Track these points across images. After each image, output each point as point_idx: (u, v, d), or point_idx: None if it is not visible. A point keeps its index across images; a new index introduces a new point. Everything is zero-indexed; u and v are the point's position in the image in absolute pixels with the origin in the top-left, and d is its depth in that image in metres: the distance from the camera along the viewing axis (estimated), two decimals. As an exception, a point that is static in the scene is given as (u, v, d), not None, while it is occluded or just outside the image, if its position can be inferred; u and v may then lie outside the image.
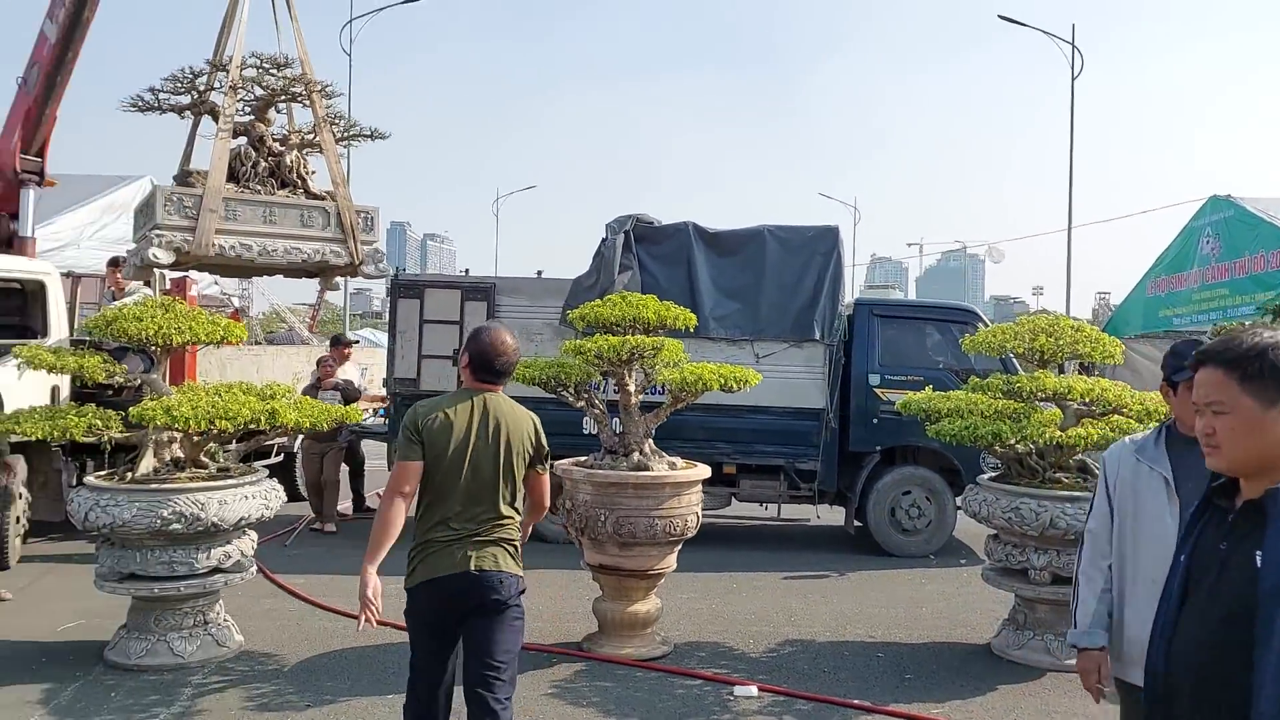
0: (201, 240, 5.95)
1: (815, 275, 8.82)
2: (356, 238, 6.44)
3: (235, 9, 6.49)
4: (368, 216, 6.56)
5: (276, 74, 6.40)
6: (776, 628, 6.53)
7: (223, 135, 6.16)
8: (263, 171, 6.33)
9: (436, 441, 3.54)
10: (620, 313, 5.68)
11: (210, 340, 5.75)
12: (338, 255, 6.40)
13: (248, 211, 6.19)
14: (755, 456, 8.90)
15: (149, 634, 5.52)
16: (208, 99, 6.29)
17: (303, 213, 6.36)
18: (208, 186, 6.02)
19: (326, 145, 6.53)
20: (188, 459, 5.78)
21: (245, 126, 6.40)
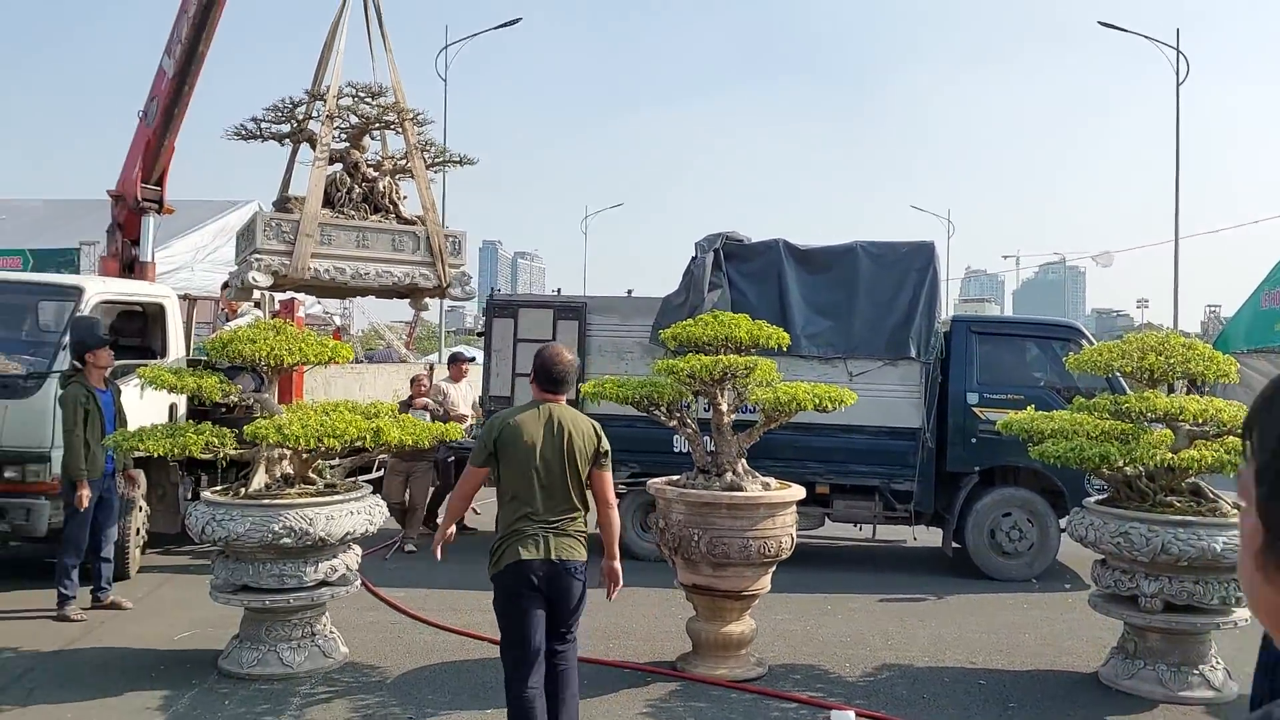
0: (298, 264, 6.19)
1: (910, 291, 8.69)
2: (445, 261, 6.61)
3: (333, 41, 6.74)
4: (456, 241, 6.73)
5: (371, 102, 6.60)
6: (873, 651, 6.44)
7: (319, 163, 6.40)
8: (357, 197, 6.54)
9: (509, 446, 4.22)
10: (712, 332, 5.70)
11: (319, 361, 5.97)
12: (426, 278, 6.59)
13: (342, 236, 6.40)
14: (849, 476, 8.79)
15: (260, 644, 5.73)
16: (306, 127, 6.54)
17: (394, 237, 6.56)
18: (304, 213, 6.26)
19: (417, 171, 6.72)
20: (297, 475, 6.00)
21: (341, 153, 6.63)
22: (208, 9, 8.67)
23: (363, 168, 6.65)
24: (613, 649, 6.35)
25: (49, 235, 17.48)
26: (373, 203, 6.62)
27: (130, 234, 9.52)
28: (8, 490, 7.09)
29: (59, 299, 7.94)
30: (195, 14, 8.71)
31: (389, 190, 6.68)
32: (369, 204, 6.61)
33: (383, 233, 6.55)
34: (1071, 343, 8.74)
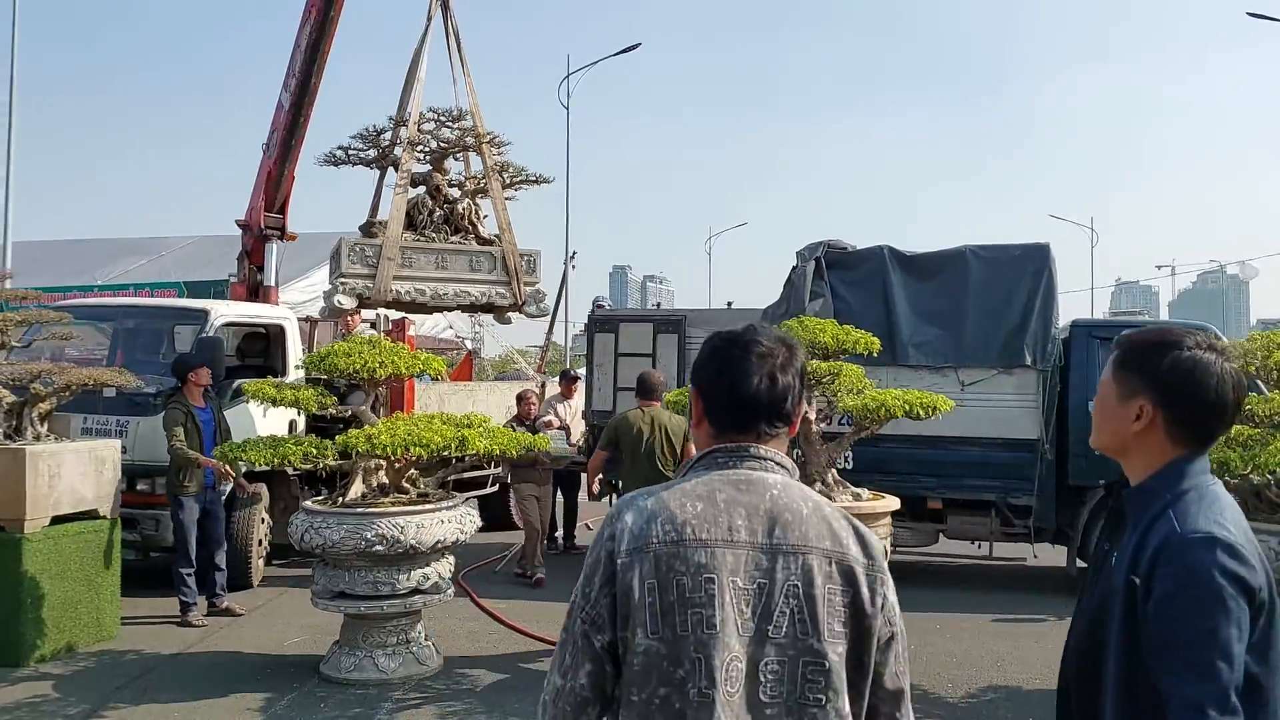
0: (380, 287, 6.39)
1: (1024, 296, 8.28)
2: (520, 280, 6.74)
3: (416, 68, 6.96)
4: (530, 259, 6.85)
5: (452, 126, 6.77)
6: (980, 672, 6.11)
7: (400, 188, 6.60)
8: (438, 219, 6.71)
9: (624, 436, 6.56)
10: (796, 338, 5.55)
11: (410, 372, 6.13)
12: (502, 296, 6.71)
13: (422, 258, 6.58)
14: (964, 491, 8.42)
15: (357, 650, 5.89)
16: (391, 153, 6.74)
17: (471, 258, 6.70)
18: (386, 237, 6.46)
19: (494, 192, 6.85)
20: (392, 485, 6.16)
21: (423, 176, 6.81)
22: (317, 43, 9.11)
23: (444, 190, 6.82)
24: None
25: (205, 269, 18.65)
26: (453, 224, 6.78)
27: (256, 260, 10.05)
28: (138, 502, 7.52)
29: (188, 322, 8.43)
30: (306, 48, 9.16)
31: (469, 211, 6.82)
32: (450, 225, 6.78)
33: (461, 253, 6.70)
34: (1205, 347, 8.15)
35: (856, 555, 1.64)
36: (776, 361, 1.71)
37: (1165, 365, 1.81)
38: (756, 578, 1.58)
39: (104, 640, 6.53)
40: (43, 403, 6.48)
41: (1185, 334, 1.85)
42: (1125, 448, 1.90)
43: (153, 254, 22.97)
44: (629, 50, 30.24)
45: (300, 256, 14.12)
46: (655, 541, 1.58)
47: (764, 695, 1.56)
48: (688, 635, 1.54)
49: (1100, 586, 1.86)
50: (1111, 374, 1.90)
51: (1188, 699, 1.63)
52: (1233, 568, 1.68)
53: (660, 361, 9.04)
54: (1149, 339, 1.89)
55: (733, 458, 1.68)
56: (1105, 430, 1.93)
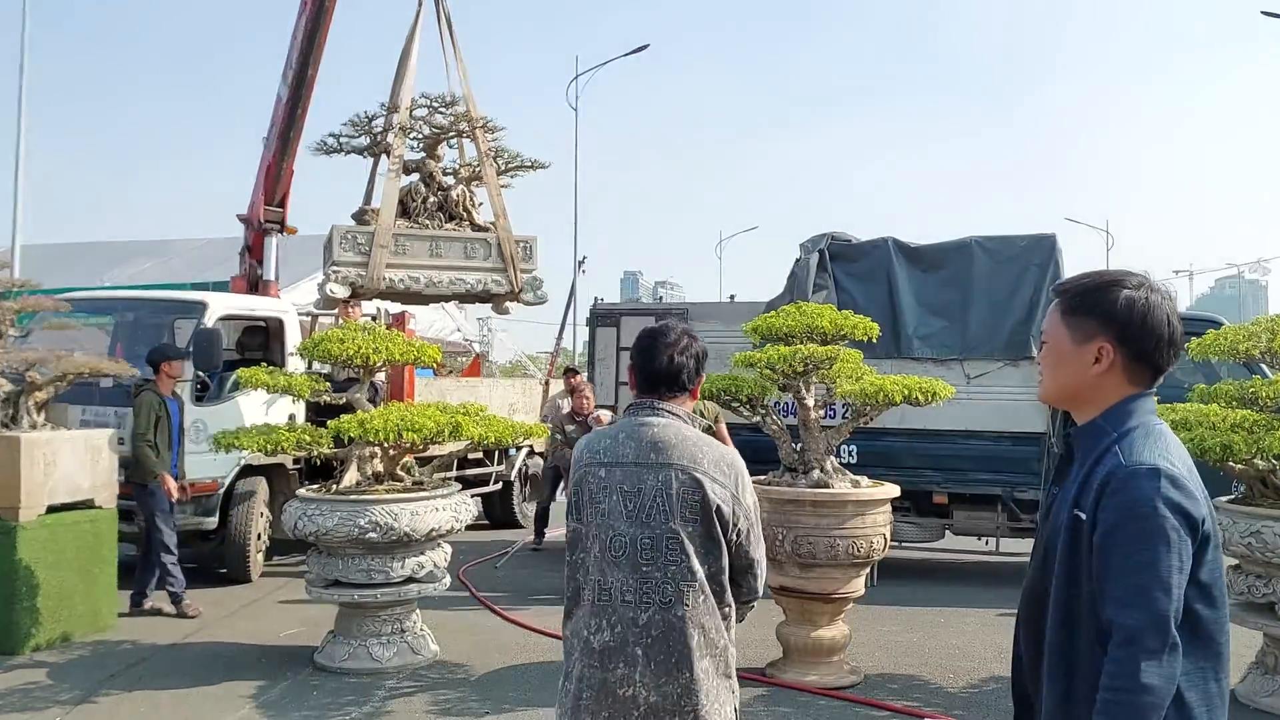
0: (373, 274, 6.28)
1: (1030, 288, 8.18)
2: (516, 266, 6.62)
3: (408, 54, 6.88)
4: (527, 246, 6.73)
5: (445, 112, 6.66)
6: (982, 663, 6.02)
7: (393, 174, 6.49)
8: (432, 206, 6.59)
9: None
10: (793, 322, 5.50)
11: (404, 360, 6.09)
12: (498, 284, 6.58)
13: (415, 245, 6.47)
14: (969, 485, 8.32)
15: (352, 639, 5.84)
16: (384, 140, 6.63)
17: (466, 245, 6.59)
18: (378, 224, 6.36)
19: (488, 178, 6.73)
20: (386, 473, 6.11)
21: (416, 164, 6.71)
22: (313, 33, 9.09)
23: (438, 177, 6.72)
24: (703, 655, 6.16)
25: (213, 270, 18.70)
26: (448, 211, 6.68)
27: (257, 255, 10.03)
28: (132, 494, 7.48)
29: (186, 315, 8.41)
30: (302, 38, 9.15)
31: (463, 198, 6.72)
32: (444, 212, 6.67)
33: (455, 241, 6.59)
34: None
35: (706, 469, 2.39)
36: (677, 347, 2.52)
37: (1121, 304, 1.83)
38: (636, 484, 2.39)
39: (100, 631, 6.49)
40: (39, 391, 6.46)
41: (1125, 274, 1.89)
42: (1082, 393, 1.89)
43: (161, 256, 23.10)
44: (638, 51, 30.25)
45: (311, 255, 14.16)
46: (581, 462, 2.51)
47: (641, 559, 2.37)
48: (592, 521, 2.44)
49: (1046, 527, 1.89)
50: (1061, 320, 1.88)
51: (1126, 628, 1.66)
52: (1175, 498, 1.70)
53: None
54: (1095, 282, 1.89)
55: (640, 410, 2.52)
56: (1061, 378, 1.90)
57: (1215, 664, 1.76)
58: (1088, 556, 1.74)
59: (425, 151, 6.73)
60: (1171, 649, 1.67)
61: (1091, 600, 1.74)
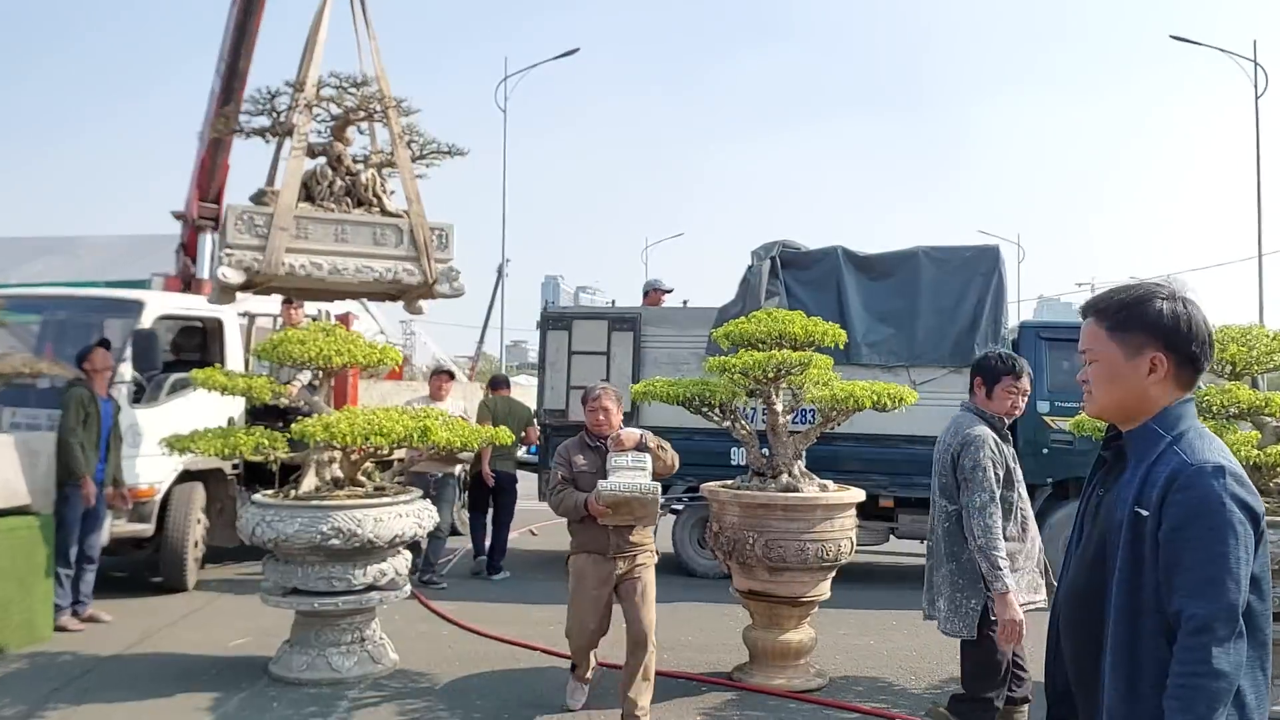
0: (271, 259, 5.83)
1: (975, 297, 8.41)
2: (430, 255, 6.20)
3: (317, 30, 6.48)
4: (442, 234, 6.32)
5: (355, 92, 6.28)
6: (941, 665, 6.14)
7: (296, 155, 6.09)
8: (338, 190, 6.20)
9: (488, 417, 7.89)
10: (766, 328, 5.54)
11: (368, 362, 5.95)
12: (410, 274, 6.18)
13: (319, 230, 6.04)
14: (915, 489, 8.48)
15: (310, 649, 5.67)
16: (288, 121, 6.22)
17: (375, 230, 6.17)
18: (278, 204, 5.94)
19: (400, 162, 6.36)
20: (346, 478, 5.96)
21: (324, 146, 6.33)
22: (244, 24, 8.82)
23: (346, 160, 6.32)
24: (667, 660, 6.14)
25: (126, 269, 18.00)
26: (356, 196, 6.27)
27: (192, 252, 9.70)
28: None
29: (120, 314, 8.08)
30: (234, 28, 8.88)
31: (372, 183, 6.31)
32: (352, 197, 6.26)
33: (363, 226, 6.15)
34: (1147, 348, 8.38)
35: None
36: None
37: (1166, 315, 1.92)
38: None
39: (36, 642, 6.18)
40: (-29, 392, 6.13)
41: (1155, 285, 2.01)
42: (1137, 403, 1.95)
43: (69, 253, 22.15)
44: (567, 55, 30.22)
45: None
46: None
47: None
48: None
49: (1098, 527, 1.95)
50: (1109, 337, 1.95)
51: (1198, 617, 1.74)
52: (1240, 494, 1.80)
53: (615, 359, 8.96)
54: (1133, 296, 1.96)
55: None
56: (1117, 392, 1.96)
57: (1262, 653, 1.85)
58: (1152, 551, 1.81)
59: (333, 134, 6.30)
60: (1238, 637, 1.75)
61: (1156, 593, 1.80)
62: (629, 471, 4.78)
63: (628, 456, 4.85)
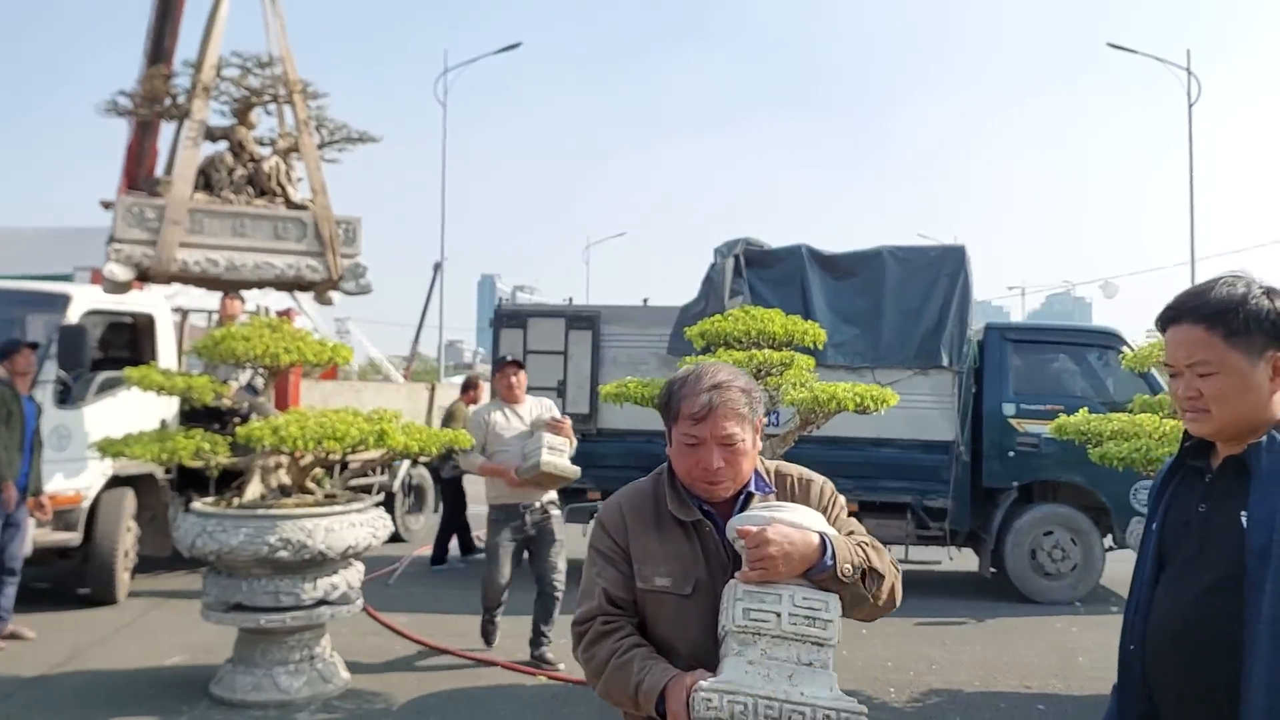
0: (162, 255, 5.41)
1: (940, 298, 8.28)
2: (335, 250, 5.80)
3: (218, 6, 6.03)
4: (349, 228, 5.92)
5: (259, 74, 5.87)
6: (918, 675, 5.96)
7: (191, 141, 5.67)
8: (239, 179, 5.80)
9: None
10: (744, 327, 5.29)
11: (318, 361, 5.57)
12: (314, 270, 5.76)
13: (215, 223, 5.61)
14: (879, 493, 8.32)
15: (255, 668, 5.27)
16: (185, 103, 5.79)
17: (276, 224, 5.75)
18: (170, 196, 5.52)
19: (307, 149, 5.95)
20: (294, 485, 5.57)
21: (224, 131, 5.91)
22: (167, 1, 8.37)
23: (249, 146, 5.90)
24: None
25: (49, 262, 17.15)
26: (258, 185, 5.85)
27: (123, 244, 9.13)
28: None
29: (43, 309, 7.55)
30: (156, 7, 8.43)
31: (276, 172, 5.90)
32: (254, 187, 5.85)
33: (263, 219, 5.73)
34: (1111, 350, 8.33)
35: None
36: None
37: (1270, 311, 1.72)
38: None
39: (-55, 665, 5.68)
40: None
41: (1235, 278, 1.79)
42: (1262, 414, 1.72)
43: (-19, 246, 21.11)
44: (509, 49, 29.77)
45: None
46: None
47: None
48: None
49: (1219, 551, 1.70)
50: (1229, 346, 1.72)
51: None
52: None
53: (573, 358, 8.65)
54: (1240, 294, 1.74)
55: None
56: (1244, 405, 1.72)
57: None
58: None
59: (235, 117, 5.89)
60: None
61: None
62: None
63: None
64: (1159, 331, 1.85)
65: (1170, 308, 1.82)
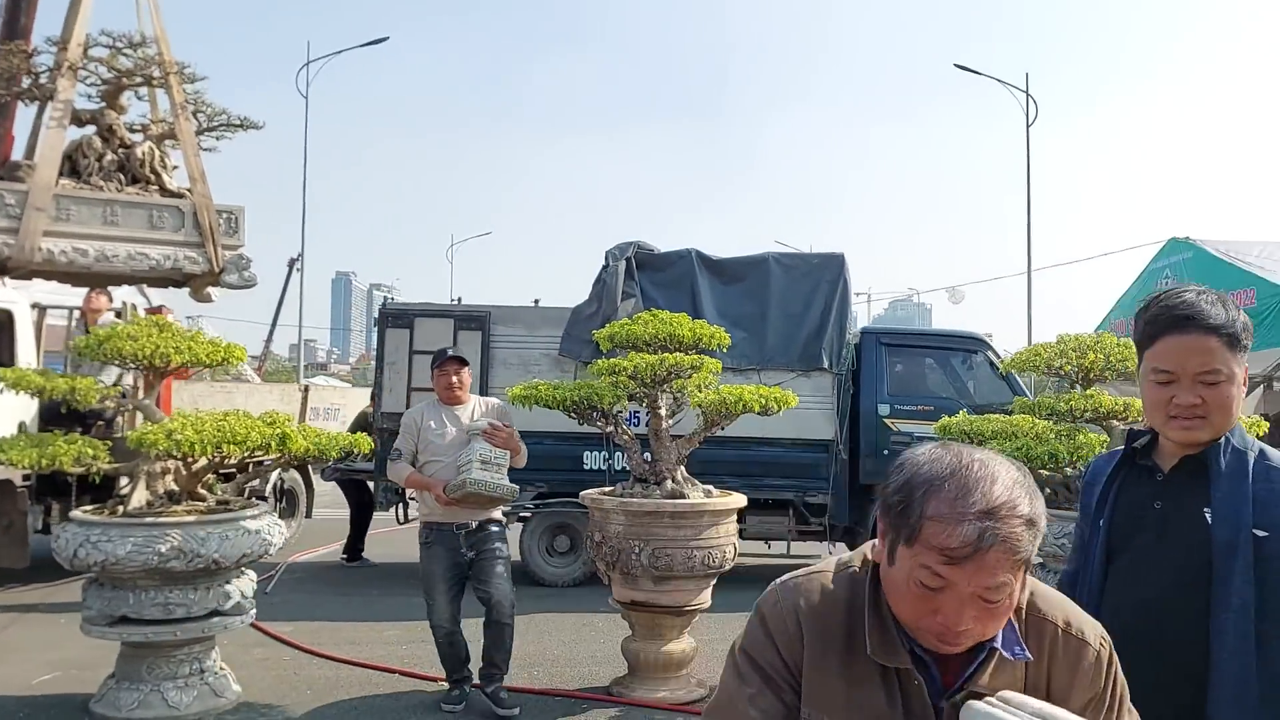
0: (25, 244, 5.04)
1: (822, 303, 8.60)
2: (216, 241, 5.50)
3: None
4: (231, 217, 5.62)
5: (130, 54, 5.54)
6: (810, 667, 6.18)
7: (56, 123, 5.32)
8: (109, 165, 5.45)
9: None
10: (654, 330, 5.37)
11: (212, 361, 5.33)
12: (193, 261, 5.44)
13: (84, 211, 5.26)
14: (764, 490, 8.57)
15: (141, 684, 5.00)
16: (51, 84, 5.42)
17: (151, 212, 5.41)
18: (34, 181, 5.16)
19: (184, 134, 5.61)
20: (183, 491, 5.32)
21: (93, 114, 5.56)
22: None
23: (119, 131, 5.57)
24: (537, 677, 5.88)
25: None
26: (130, 172, 5.52)
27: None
28: None
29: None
30: None
31: (150, 158, 5.57)
32: (126, 174, 5.51)
33: (137, 207, 5.39)
34: (976, 353, 8.85)
35: None
36: None
37: (1247, 324, 1.80)
38: None
39: None
40: None
41: (1198, 288, 1.82)
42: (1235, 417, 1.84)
43: None
44: (376, 43, 29.08)
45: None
46: None
47: None
48: None
49: (1182, 545, 1.79)
50: (1235, 357, 1.76)
51: None
52: None
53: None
54: (1225, 309, 1.77)
55: None
56: (1234, 412, 1.80)
57: None
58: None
59: (104, 101, 5.57)
60: None
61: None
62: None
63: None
64: (1149, 339, 1.84)
65: (1179, 315, 1.78)
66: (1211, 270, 15.62)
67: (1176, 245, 16.98)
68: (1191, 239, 16.50)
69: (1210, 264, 15.71)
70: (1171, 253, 17.04)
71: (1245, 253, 15.70)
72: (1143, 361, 1.88)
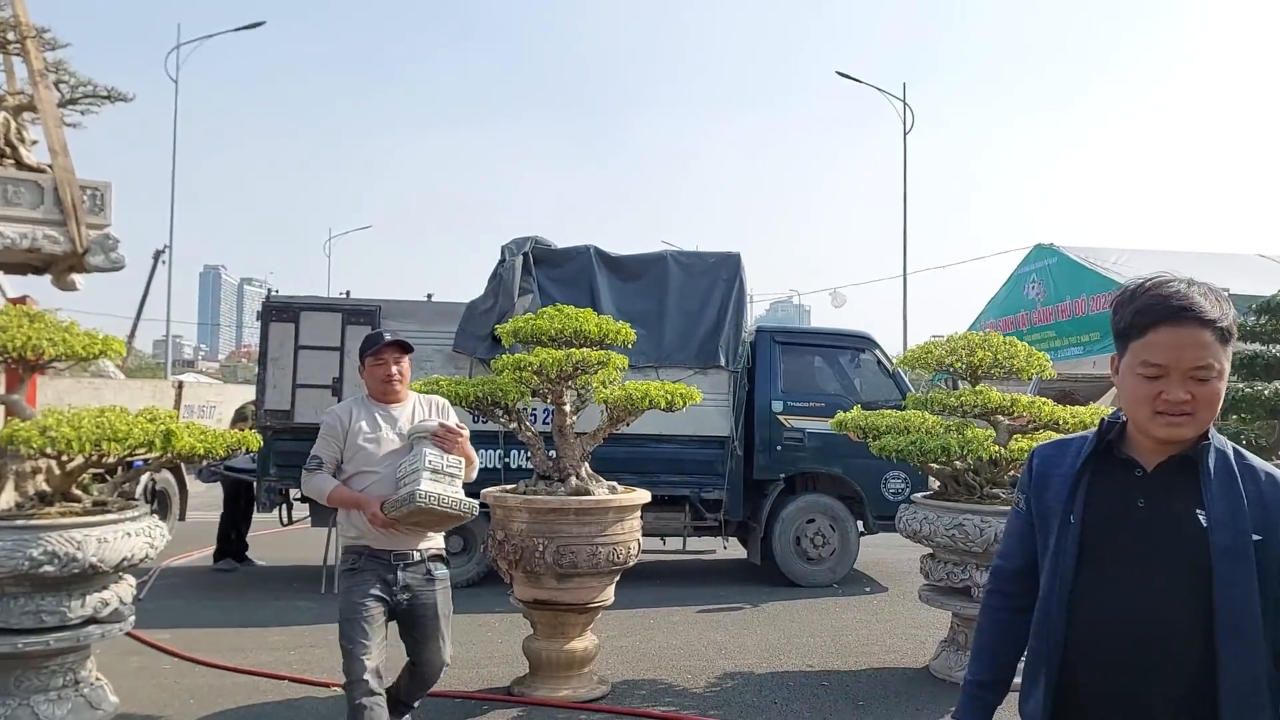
0: None
1: (719, 301, 8.69)
2: (80, 219, 5.15)
3: None
4: (96, 194, 5.27)
5: None
6: (709, 661, 6.23)
7: None
8: None
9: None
10: (559, 325, 5.32)
11: (88, 355, 5.01)
12: (54, 241, 5.09)
13: None
14: (661, 487, 8.58)
15: (8, 698, 4.66)
16: None
17: (6, 187, 5.09)
18: None
19: (44, 105, 5.25)
20: (57, 492, 4.98)
21: None
22: None
23: None
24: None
25: None
26: None
27: None
28: None
29: None
30: None
31: (4, 129, 5.22)
32: None
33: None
34: (865, 351, 9.10)
35: None
36: None
37: (1234, 316, 1.71)
38: None
39: None
40: None
41: (1185, 279, 1.71)
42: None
43: None
44: (251, 27, 28.02)
45: None
46: None
47: None
48: None
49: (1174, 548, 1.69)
50: (1225, 352, 1.67)
51: None
52: None
53: (350, 355, 8.28)
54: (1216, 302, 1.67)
55: None
56: (1218, 408, 1.71)
57: None
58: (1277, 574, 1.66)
59: None
60: None
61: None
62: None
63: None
64: (1138, 330, 1.69)
65: (1175, 307, 1.65)
66: (1074, 275, 16.52)
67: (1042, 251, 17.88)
68: (1056, 245, 17.43)
69: (1073, 269, 16.62)
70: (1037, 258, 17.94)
71: (1104, 258, 16.65)
72: (1125, 353, 1.72)
